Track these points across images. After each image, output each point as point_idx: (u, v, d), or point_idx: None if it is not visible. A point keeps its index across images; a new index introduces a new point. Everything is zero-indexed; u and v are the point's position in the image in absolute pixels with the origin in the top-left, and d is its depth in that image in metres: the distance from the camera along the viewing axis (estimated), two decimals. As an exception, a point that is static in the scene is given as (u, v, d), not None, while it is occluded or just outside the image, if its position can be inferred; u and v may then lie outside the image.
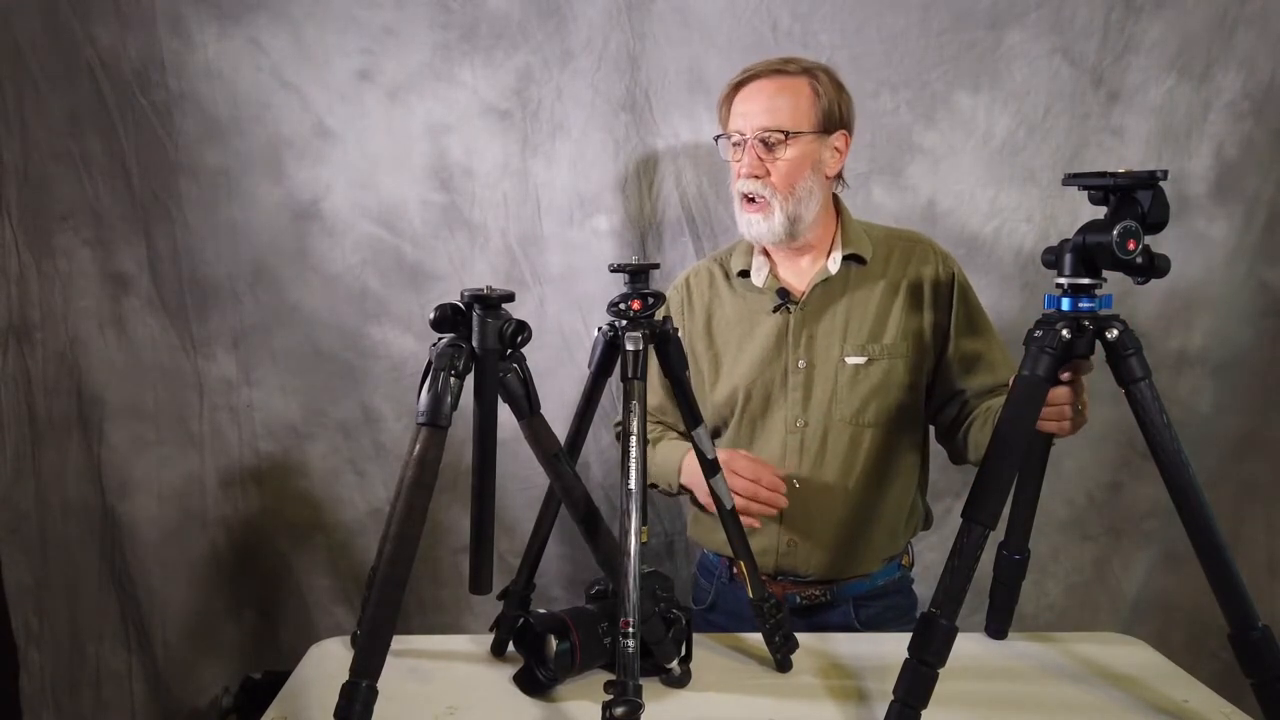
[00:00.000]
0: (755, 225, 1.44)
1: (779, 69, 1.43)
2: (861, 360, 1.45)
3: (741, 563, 1.28)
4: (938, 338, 1.48)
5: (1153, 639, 1.40)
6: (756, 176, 1.41)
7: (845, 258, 1.48)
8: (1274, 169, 1.84)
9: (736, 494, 1.33)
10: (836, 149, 1.46)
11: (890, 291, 1.47)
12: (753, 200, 1.43)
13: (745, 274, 1.53)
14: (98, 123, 1.85)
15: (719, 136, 1.48)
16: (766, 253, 1.53)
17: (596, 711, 0.97)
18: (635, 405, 1.09)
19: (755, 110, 1.42)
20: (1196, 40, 1.80)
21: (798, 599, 1.51)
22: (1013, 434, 1.10)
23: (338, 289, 1.94)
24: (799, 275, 1.51)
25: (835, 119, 1.45)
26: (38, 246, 1.88)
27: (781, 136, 1.40)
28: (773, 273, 1.52)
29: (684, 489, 1.50)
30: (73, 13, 1.80)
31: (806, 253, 1.50)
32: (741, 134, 1.43)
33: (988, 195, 1.89)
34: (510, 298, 1.07)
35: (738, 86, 1.45)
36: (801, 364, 1.47)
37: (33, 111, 1.84)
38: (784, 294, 1.48)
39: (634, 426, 1.07)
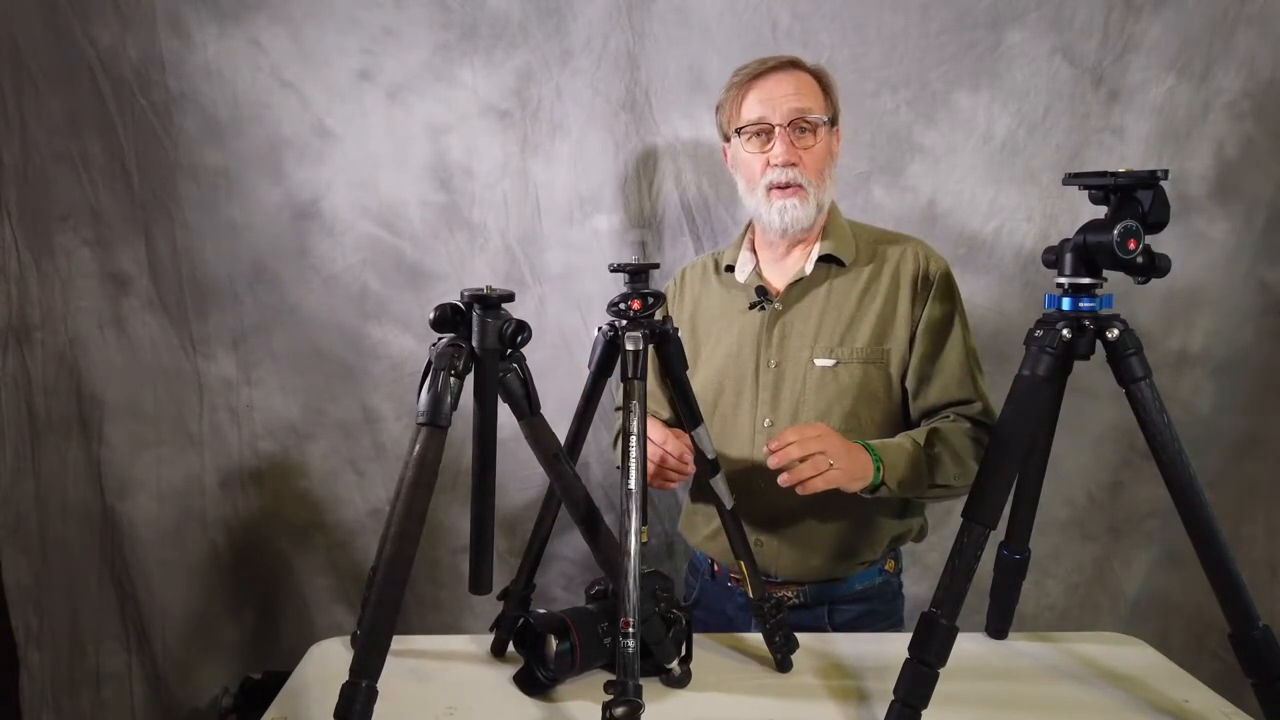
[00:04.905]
0: (791, 210, 1.41)
1: (791, 62, 1.44)
2: (830, 363, 1.42)
3: (741, 563, 1.27)
4: (911, 339, 1.44)
5: (1153, 639, 1.40)
6: (792, 164, 1.40)
7: (824, 258, 1.46)
8: (1274, 169, 1.84)
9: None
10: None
11: (868, 295, 1.44)
12: (786, 187, 1.41)
13: (733, 269, 1.53)
14: (97, 123, 1.85)
15: (736, 131, 1.45)
16: (754, 250, 1.53)
17: (596, 711, 0.97)
18: (635, 405, 1.09)
19: (783, 96, 1.41)
20: (1197, 40, 1.80)
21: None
22: (1013, 434, 1.10)
23: (338, 289, 1.94)
24: (782, 274, 1.50)
25: (837, 114, 1.47)
26: (37, 246, 1.88)
27: (822, 120, 1.41)
28: (756, 270, 1.51)
29: None
30: (72, 13, 1.80)
31: (796, 250, 1.49)
32: (768, 123, 1.41)
33: (988, 195, 1.89)
34: (510, 298, 1.07)
35: (752, 80, 1.43)
36: (773, 363, 1.45)
37: (32, 111, 1.84)
38: (762, 291, 1.47)
39: (634, 426, 1.07)
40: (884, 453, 1.32)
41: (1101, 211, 1.09)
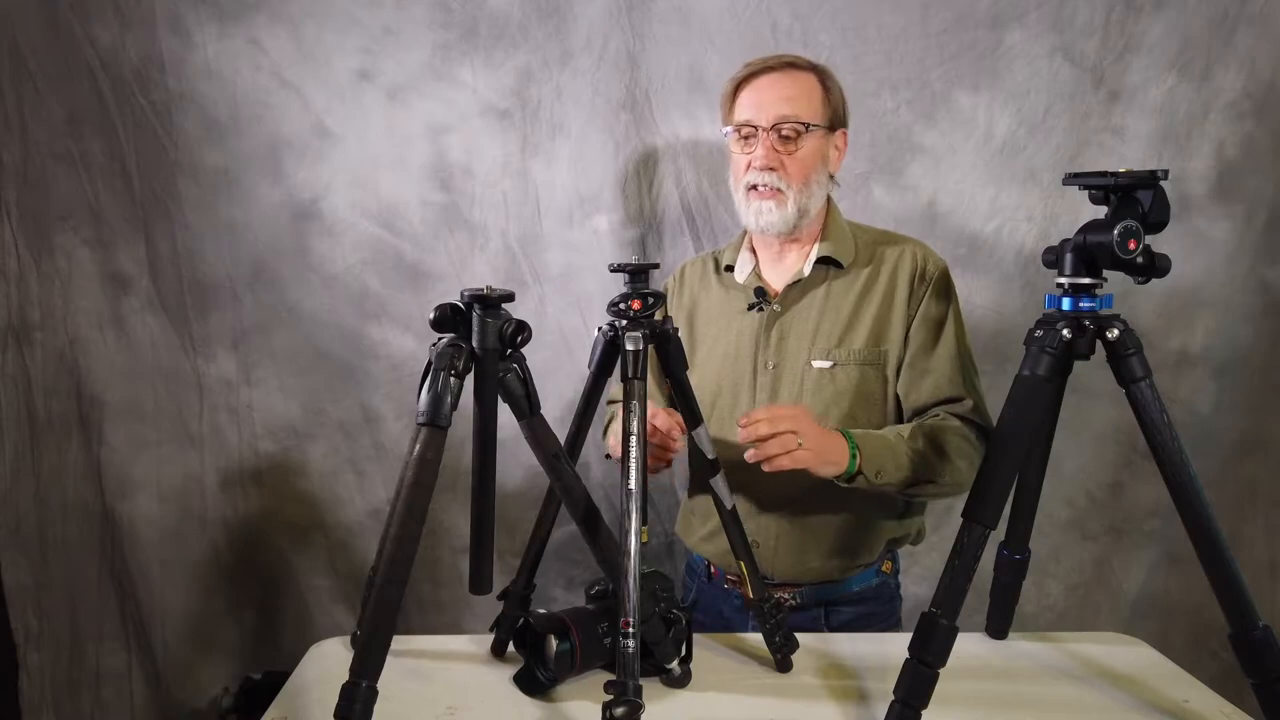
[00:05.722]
0: (767, 213, 1.41)
1: (790, 63, 1.43)
2: (827, 364, 1.42)
3: (741, 563, 1.27)
4: (907, 338, 1.43)
5: (1153, 639, 1.40)
6: (771, 168, 1.39)
7: (822, 259, 1.46)
8: (1274, 169, 1.84)
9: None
10: (837, 147, 1.47)
11: (866, 296, 1.44)
12: (762, 190, 1.40)
13: (732, 269, 1.53)
14: (97, 123, 1.85)
15: (728, 129, 1.45)
16: (754, 250, 1.53)
17: (596, 711, 0.97)
18: (635, 405, 1.09)
19: (770, 101, 1.40)
20: (1197, 40, 1.80)
21: None
22: (1013, 434, 1.10)
23: (338, 289, 1.94)
24: (781, 274, 1.49)
25: (840, 116, 1.46)
26: (37, 246, 1.88)
27: (801, 127, 1.39)
28: (755, 270, 1.51)
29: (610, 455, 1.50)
30: (72, 13, 1.80)
31: (793, 251, 1.49)
32: (753, 125, 1.40)
33: (988, 195, 1.89)
34: (510, 298, 1.07)
35: (746, 79, 1.43)
36: (771, 365, 1.45)
37: (32, 111, 1.84)
38: (760, 293, 1.47)
39: (634, 426, 1.07)
40: (863, 442, 1.30)
41: (1101, 211, 1.09)
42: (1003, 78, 1.84)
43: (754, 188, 1.41)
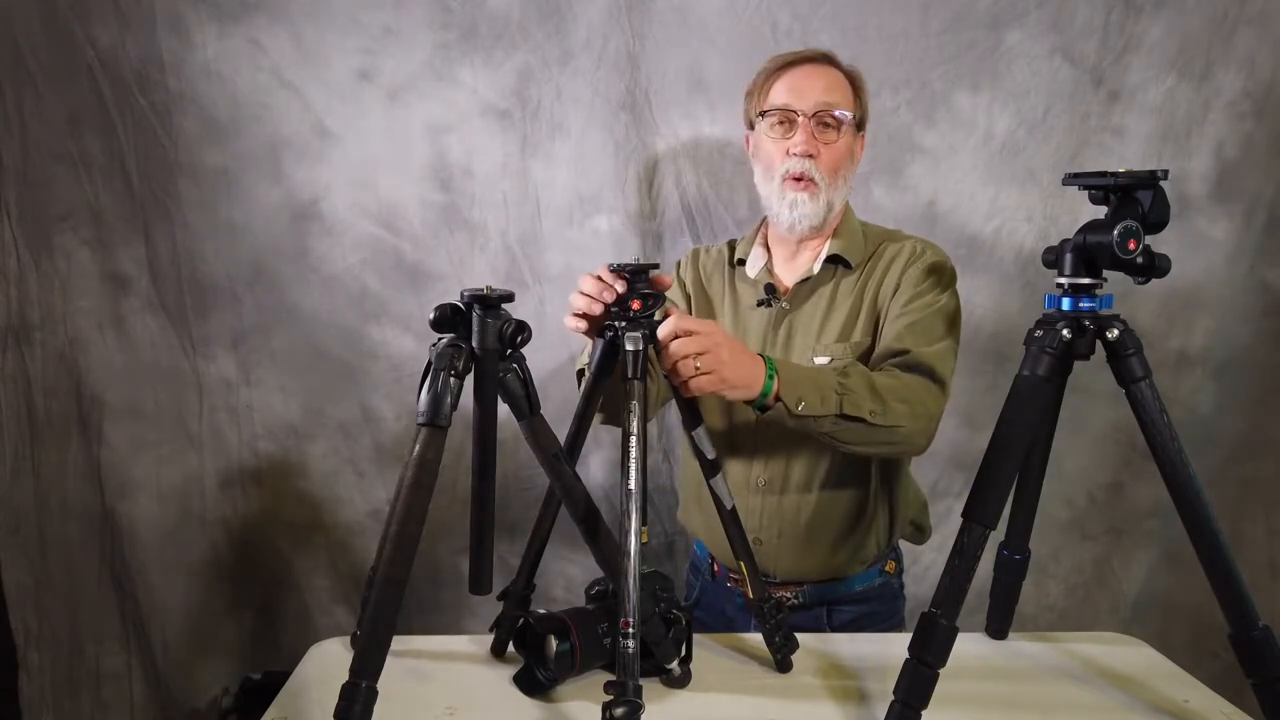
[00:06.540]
0: (801, 205, 1.40)
1: (827, 56, 1.44)
2: (826, 360, 1.42)
3: (741, 563, 1.27)
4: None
5: (1153, 639, 1.40)
6: (810, 156, 1.39)
7: (831, 258, 1.46)
8: (1274, 169, 1.84)
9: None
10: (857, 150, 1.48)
11: (865, 292, 1.44)
12: (800, 179, 1.40)
13: (744, 263, 1.53)
14: (97, 123, 1.85)
15: (763, 114, 1.44)
16: (767, 246, 1.53)
17: (596, 712, 0.97)
18: (635, 405, 1.09)
19: (811, 89, 1.40)
20: (1197, 40, 1.80)
21: None
22: (1013, 434, 1.10)
23: (337, 289, 1.94)
24: (793, 272, 1.50)
25: (864, 120, 1.47)
26: (37, 246, 1.88)
27: (847, 116, 1.40)
28: (767, 266, 1.51)
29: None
30: (72, 13, 1.80)
31: (807, 248, 1.49)
32: (793, 110, 1.40)
33: (988, 195, 1.89)
34: (510, 298, 1.07)
35: (786, 66, 1.43)
36: None
37: (32, 111, 1.84)
38: (770, 289, 1.47)
39: (634, 427, 1.07)
40: (783, 367, 1.24)
41: (1101, 211, 1.09)
42: (1003, 78, 1.84)
43: (792, 177, 1.40)
